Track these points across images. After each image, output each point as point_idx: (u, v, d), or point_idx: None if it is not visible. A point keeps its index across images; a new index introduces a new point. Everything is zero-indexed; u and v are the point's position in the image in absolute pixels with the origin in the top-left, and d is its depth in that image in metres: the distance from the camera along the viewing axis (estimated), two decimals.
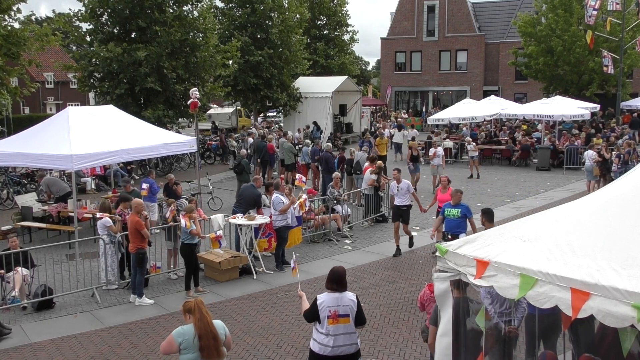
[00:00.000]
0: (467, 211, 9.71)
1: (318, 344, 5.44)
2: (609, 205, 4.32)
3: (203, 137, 29.48)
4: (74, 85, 43.69)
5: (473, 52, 45.11)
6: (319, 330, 5.45)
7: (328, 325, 5.37)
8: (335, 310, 5.38)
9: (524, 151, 24.21)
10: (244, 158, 17.86)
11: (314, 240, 13.17)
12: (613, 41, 30.50)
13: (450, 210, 9.72)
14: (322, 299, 5.46)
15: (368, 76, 69.77)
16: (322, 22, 44.29)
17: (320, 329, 5.43)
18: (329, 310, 5.38)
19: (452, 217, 9.74)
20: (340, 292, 5.48)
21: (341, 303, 5.42)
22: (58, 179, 16.47)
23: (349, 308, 5.43)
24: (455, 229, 9.62)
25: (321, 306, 5.40)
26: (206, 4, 26.67)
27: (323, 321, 5.39)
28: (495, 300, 5.38)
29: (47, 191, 15.23)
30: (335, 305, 5.40)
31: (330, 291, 5.49)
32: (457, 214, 9.68)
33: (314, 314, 5.45)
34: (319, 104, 31.19)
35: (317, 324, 5.47)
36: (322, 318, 5.39)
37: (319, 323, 5.44)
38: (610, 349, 4.92)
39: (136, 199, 10.30)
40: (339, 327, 5.39)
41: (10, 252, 9.46)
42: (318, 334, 5.46)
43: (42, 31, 21.00)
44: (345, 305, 5.43)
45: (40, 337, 8.27)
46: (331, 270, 5.64)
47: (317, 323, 5.45)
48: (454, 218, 9.71)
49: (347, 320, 5.41)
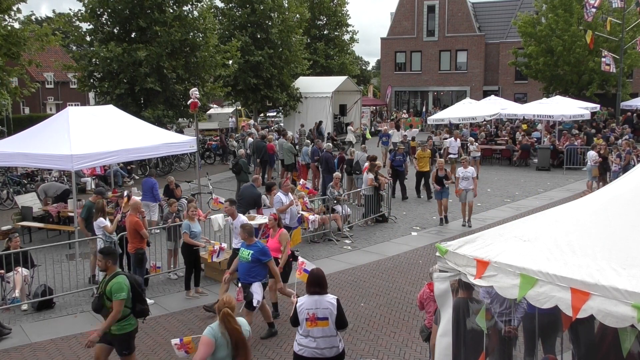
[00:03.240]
0: (262, 254, 7.53)
1: (297, 345, 5.56)
2: (609, 205, 4.32)
3: (203, 137, 29.47)
4: (74, 85, 43.68)
5: (473, 52, 45.12)
6: (299, 331, 5.57)
7: (306, 328, 5.44)
8: (313, 313, 5.42)
9: (524, 151, 24.22)
10: (242, 158, 17.86)
11: (314, 240, 13.18)
12: (613, 41, 30.51)
13: (242, 252, 7.68)
14: (301, 301, 5.54)
15: (368, 76, 69.74)
16: (322, 22, 44.30)
17: (300, 330, 5.55)
18: (307, 312, 5.44)
19: (243, 260, 7.63)
20: (320, 295, 5.51)
21: (320, 306, 5.45)
22: (52, 182, 16.48)
23: (327, 311, 5.44)
24: (246, 275, 7.58)
25: (300, 309, 5.49)
26: (206, 4, 26.67)
27: (302, 323, 5.48)
28: (494, 300, 5.38)
29: (44, 198, 15.21)
30: (314, 308, 5.44)
31: (310, 294, 5.55)
32: (247, 256, 7.57)
33: (295, 317, 5.53)
34: (319, 104, 31.21)
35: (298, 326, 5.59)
36: (301, 320, 5.47)
37: (298, 325, 5.55)
38: (610, 349, 4.92)
39: (135, 199, 10.28)
40: (317, 330, 5.42)
41: (10, 252, 9.46)
42: (298, 335, 5.59)
43: (42, 31, 21.00)
44: (324, 308, 5.44)
45: (40, 337, 8.27)
46: (310, 272, 5.76)
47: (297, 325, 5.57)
48: (244, 262, 7.61)
49: (326, 323, 5.42)
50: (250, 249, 7.56)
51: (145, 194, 13.90)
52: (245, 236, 7.62)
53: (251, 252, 7.53)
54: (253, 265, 7.51)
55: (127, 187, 18.03)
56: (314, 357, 5.44)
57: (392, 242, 13.05)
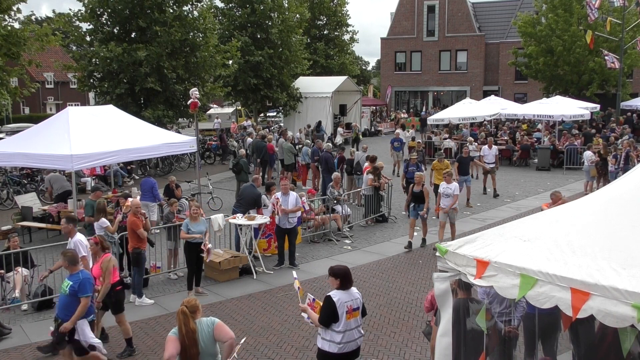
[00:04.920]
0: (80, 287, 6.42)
1: (335, 344, 5.45)
2: (609, 205, 4.32)
3: (203, 137, 29.48)
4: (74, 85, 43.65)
5: (473, 52, 45.11)
6: (335, 329, 5.45)
7: (346, 321, 5.45)
8: (350, 305, 5.50)
9: (524, 151, 24.21)
10: (243, 158, 17.86)
11: (314, 240, 13.17)
12: (613, 41, 30.51)
13: (64, 282, 6.66)
14: (336, 296, 5.49)
15: (368, 76, 69.75)
16: (322, 22, 44.33)
17: (336, 327, 5.45)
18: (346, 305, 5.47)
19: (61, 292, 6.65)
20: (349, 289, 5.60)
21: (352, 297, 5.57)
22: (61, 176, 16.49)
23: (358, 301, 5.61)
24: (63, 310, 6.49)
25: (338, 303, 5.45)
26: (206, 4, 26.72)
27: (341, 317, 5.43)
28: (494, 300, 5.38)
29: (49, 187, 15.29)
30: (350, 300, 5.53)
31: (341, 289, 5.55)
32: (65, 288, 6.51)
33: (333, 314, 5.44)
34: (319, 104, 31.22)
35: None
36: (341, 314, 5.43)
37: (335, 321, 5.45)
38: (610, 349, 4.92)
39: (134, 199, 10.29)
40: (354, 321, 5.53)
41: (10, 252, 9.46)
42: (334, 334, 5.46)
43: (42, 31, 20.99)
44: (355, 299, 5.59)
45: (40, 337, 8.25)
46: (337, 269, 5.64)
47: (333, 323, 5.47)
48: (62, 294, 6.59)
49: (358, 313, 5.58)
50: (70, 280, 6.51)
51: (144, 194, 13.91)
52: (65, 264, 6.64)
53: (70, 283, 6.47)
54: (71, 300, 6.44)
55: (127, 187, 18.04)
56: (352, 350, 5.55)
57: (392, 242, 13.04)
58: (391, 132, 32.79)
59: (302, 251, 12.24)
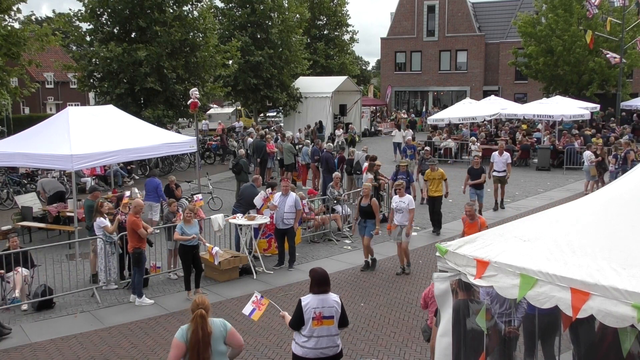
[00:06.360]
0: None
1: (300, 347, 5.39)
2: (609, 205, 4.32)
3: (203, 137, 29.49)
4: (74, 85, 43.69)
5: (473, 52, 45.11)
6: (302, 332, 5.39)
7: (312, 327, 5.32)
8: (320, 312, 5.34)
9: (524, 151, 24.20)
10: (243, 158, 17.87)
11: (314, 240, 13.18)
12: (613, 41, 30.51)
13: None
14: (306, 300, 5.40)
15: (368, 76, 69.78)
16: (322, 22, 44.34)
17: (303, 331, 5.38)
18: (313, 311, 5.33)
19: None
20: (325, 294, 5.44)
21: (325, 305, 5.38)
22: (52, 179, 16.81)
23: (333, 310, 5.39)
24: None
25: (306, 308, 5.35)
26: (206, 4, 26.69)
27: (307, 322, 5.33)
28: (494, 300, 5.38)
29: (42, 191, 15.66)
30: (320, 307, 5.36)
31: (315, 293, 5.44)
32: None
33: (299, 318, 5.37)
34: (319, 104, 31.21)
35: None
36: (307, 319, 5.33)
37: (302, 326, 5.37)
38: (610, 349, 4.92)
39: (137, 200, 10.28)
40: (322, 329, 5.36)
41: (10, 252, 9.46)
42: (300, 336, 5.41)
43: (42, 31, 21.01)
44: (329, 307, 5.39)
45: (40, 337, 8.27)
46: (313, 271, 5.57)
47: (301, 326, 5.39)
48: None
49: (331, 322, 5.38)
50: None
51: (148, 194, 13.89)
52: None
53: None
54: None
55: (127, 187, 18.04)
56: (318, 357, 5.37)
57: (391, 242, 13.01)
58: (391, 132, 32.70)
59: (302, 251, 12.24)
